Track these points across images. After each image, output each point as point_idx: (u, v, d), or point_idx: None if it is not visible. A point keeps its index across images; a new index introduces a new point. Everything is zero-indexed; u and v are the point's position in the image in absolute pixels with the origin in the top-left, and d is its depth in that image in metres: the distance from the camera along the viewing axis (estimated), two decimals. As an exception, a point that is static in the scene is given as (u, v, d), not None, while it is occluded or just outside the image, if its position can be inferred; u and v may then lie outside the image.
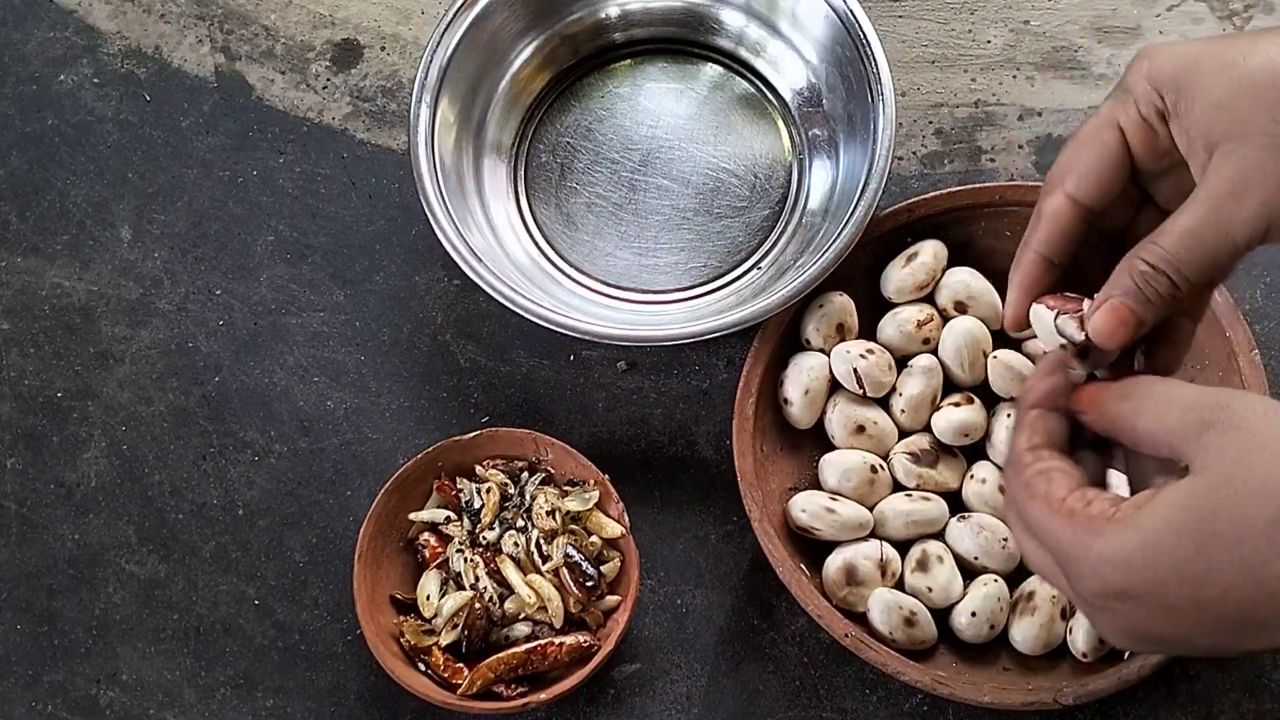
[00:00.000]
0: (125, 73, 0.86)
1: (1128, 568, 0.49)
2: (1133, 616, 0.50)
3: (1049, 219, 0.58)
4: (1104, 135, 0.58)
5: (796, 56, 0.81)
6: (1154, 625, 0.50)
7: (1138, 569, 0.49)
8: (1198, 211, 0.54)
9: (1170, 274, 0.54)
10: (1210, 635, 0.50)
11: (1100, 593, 0.50)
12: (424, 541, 0.73)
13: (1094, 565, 0.50)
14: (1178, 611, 0.49)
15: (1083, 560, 0.51)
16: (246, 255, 0.82)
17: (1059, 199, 0.58)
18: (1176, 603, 0.49)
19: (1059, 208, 0.58)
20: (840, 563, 0.70)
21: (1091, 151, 0.58)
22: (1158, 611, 0.49)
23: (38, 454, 0.78)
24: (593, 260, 0.80)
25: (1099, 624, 0.53)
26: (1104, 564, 0.50)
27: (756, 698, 0.72)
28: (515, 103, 0.83)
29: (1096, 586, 0.50)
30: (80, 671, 0.74)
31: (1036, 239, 0.59)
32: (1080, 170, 0.58)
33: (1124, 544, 0.49)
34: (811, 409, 0.74)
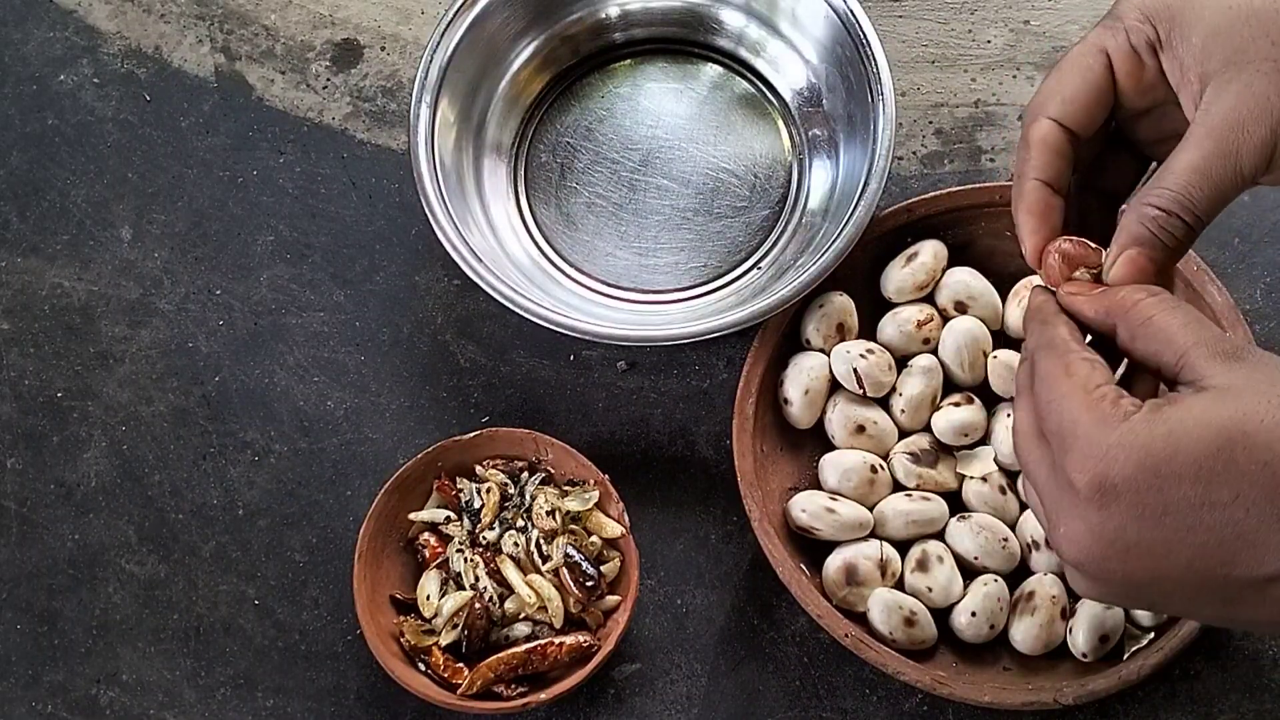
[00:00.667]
0: (125, 73, 0.86)
1: (1144, 456, 0.48)
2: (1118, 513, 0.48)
3: (1038, 144, 0.57)
4: (1089, 61, 0.56)
5: (796, 56, 0.81)
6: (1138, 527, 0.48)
7: (1153, 459, 0.47)
8: (1203, 145, 0.52)
9: (1183, 215, 0.52)
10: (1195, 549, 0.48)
11: (1097, 480, 0.48)
12: (424, 541, 0.73)
13: (1106, 450, 0.48)
14: (1174, 514, 0.47)
15: (1094, 443, 0.49)
16: (246, 255, 0.82)
17: (1044, 124, 0.57)
18: (1181, 502, 0.47)
19: (1046, 132, 0.57)
20: (840, 563, 0.70)
21: (1076, 77, 0.56)
22: (1152, 511, 0.48)
23: (38, 454, 0.78)
24: (593, 260, 0.80)
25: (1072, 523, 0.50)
26: (1118, 449, 0.48)
27: (756, 698, 0.72)
28: (515, 103, 0.83)
29: (1097, 471, 0.48)
30: (80, 671, 0.74)
31: (1031, 166, 0.57)
32: (1065, 95, 0.56)
33: (1148, 434, 0.48)
34: (811, 409, 0.74)
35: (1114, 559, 0.50)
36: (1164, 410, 0.49)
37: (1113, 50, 0.56)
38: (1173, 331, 0.51)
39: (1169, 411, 0.48)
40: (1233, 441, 0.47)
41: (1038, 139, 0.57)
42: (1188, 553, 0.48)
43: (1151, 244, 0.53)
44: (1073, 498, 0.50)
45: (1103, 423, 0.49)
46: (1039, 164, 0.57)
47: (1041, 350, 0.54)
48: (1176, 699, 0.71)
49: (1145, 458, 0.48)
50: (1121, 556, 0.49)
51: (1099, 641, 0.68)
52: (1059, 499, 0.51)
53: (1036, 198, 0.57)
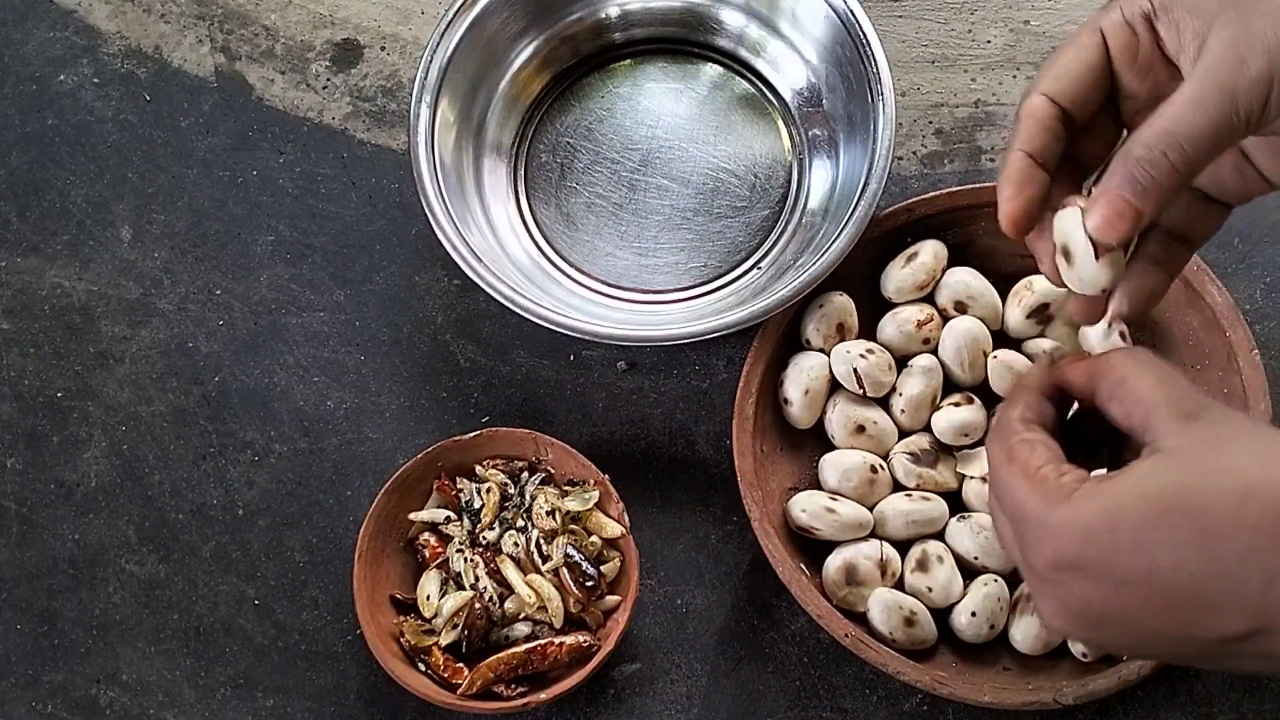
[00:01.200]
0: (125, 73, 0.86)
1: (1086, 533, 0.49)
2: (1079, 590, 0.49)
3: (1027, 117, 0.57)
4: (1083, 39, 0.56)
5: (796, 56, 0.81)
6: (1100, 601, 0.49)
7: (1096, 535, 0.48)
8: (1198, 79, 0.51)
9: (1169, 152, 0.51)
10: (1156, 615, 0.48)
11: (1052, 561, 0.50)
12: (424, 541, 0.73)
13: (1052, 530, 0.50)
14: (1127, 586, 0.48)
15: (1042, 525, 0.50)
16: (246, 255, 0.82)
17: (1035, 99, 0.56)
18: (1129, 575, 0.48)
19: (1035, 106, 0.56)
20: (840, 563, 0.70)
21: (1070, 52, 0.56)
22: (1107, 584, 0.49)
23: (38, 454, 0.78)
24: (592, 260, 0.80)
25: (1043, 601, 0.52)
26: (1062, 529, 0.49)
27: (756, 698, 0.72)
28: (515, 102, 0.83)
29: (1049, 553, 0.50)
30: (80, 671, 0.74)
31: (1017, 139, 0.57)
32: (1056, 70, 0.56)
33: (1086, 511, 0.49)
34: (811, 409, 0.74)
35: (1089, 629, 0.51)
36: (1104, 484, 0.50)
37: (1106, 26, 0.56)
38: (1142, 391, 0.52)
39: (1108, 484, 0.49)
40: (1167, 511, 0.48)
41: (1027, 112, 0.57)
42: (1151, 620, 0.49)
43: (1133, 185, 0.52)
44: (1037, 576, 0.51)
45: (1046, 503, 0.50)
46: (1025, 135, 0.56)
47: (991, 436, 0.56)
48: (1176, 699, 0.71)
49: (1088, 534, 0.49)
50: (1095, 627, 0.51)
51: (1099, 641, 0.68)
52: (1029, 576, 0.53)
53: (1018, 167, 0.57)
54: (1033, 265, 0.76)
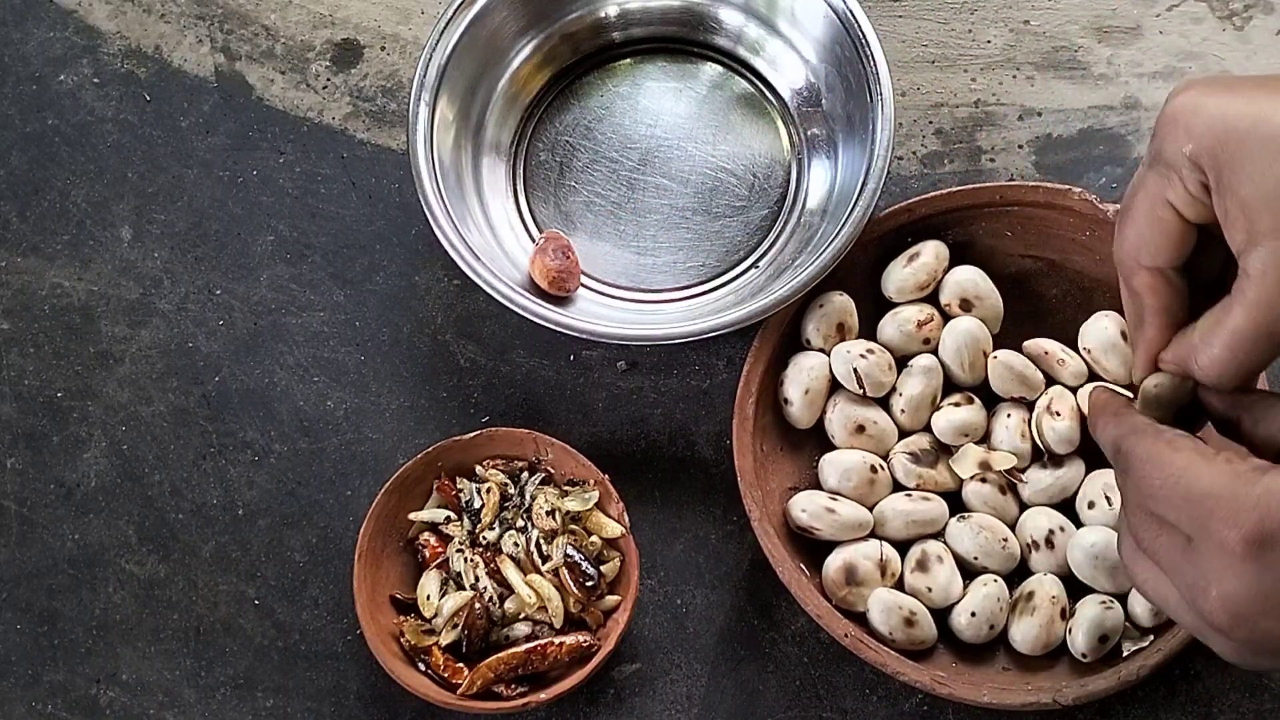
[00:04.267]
0: (125, 73, 0.86)
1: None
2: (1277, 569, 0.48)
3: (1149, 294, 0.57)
4: (1159, 213, 0.56)
5: (795, 56, 0.81)
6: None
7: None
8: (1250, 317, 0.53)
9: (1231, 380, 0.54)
10: None
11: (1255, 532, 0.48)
12: (424, 541, 0.73)
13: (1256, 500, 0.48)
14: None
15: (1243, 497, 0.48)
16: (246, 255, 0.82)
17: (1146, 275, 0.57)
18: None
19: (1151, 282, 0.57)
20: (840, 563, 0.70)
21: (1156, 228, 0.56)
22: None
23: (38, 454, 0.78)
24: (591, 259, 0.80)
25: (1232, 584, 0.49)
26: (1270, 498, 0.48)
27: (756, 698, 0.72)
28: (514, 101, 0.83)
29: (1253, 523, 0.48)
30: (80, 671, 0.75)
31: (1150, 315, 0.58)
32: (1152, 248, 0.57)
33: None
34: (811, 409, 0.74)
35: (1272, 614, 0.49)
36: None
37: (1176, 201, 0.55)
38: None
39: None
40: None
41: (1146, 289, 0.57)
42: None
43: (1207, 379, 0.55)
44: (1225, 558, 0.49)
45: (1240, 480, 0.49)
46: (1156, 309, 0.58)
47: (1130, 438, 0.55)
48: (1176, 699, 0.71)
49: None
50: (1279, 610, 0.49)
51: (1098, 642, 0.68)
52: (1206, 567, 0.50)
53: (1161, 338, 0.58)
54: (1032, 267, 0.76)
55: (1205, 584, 0.50)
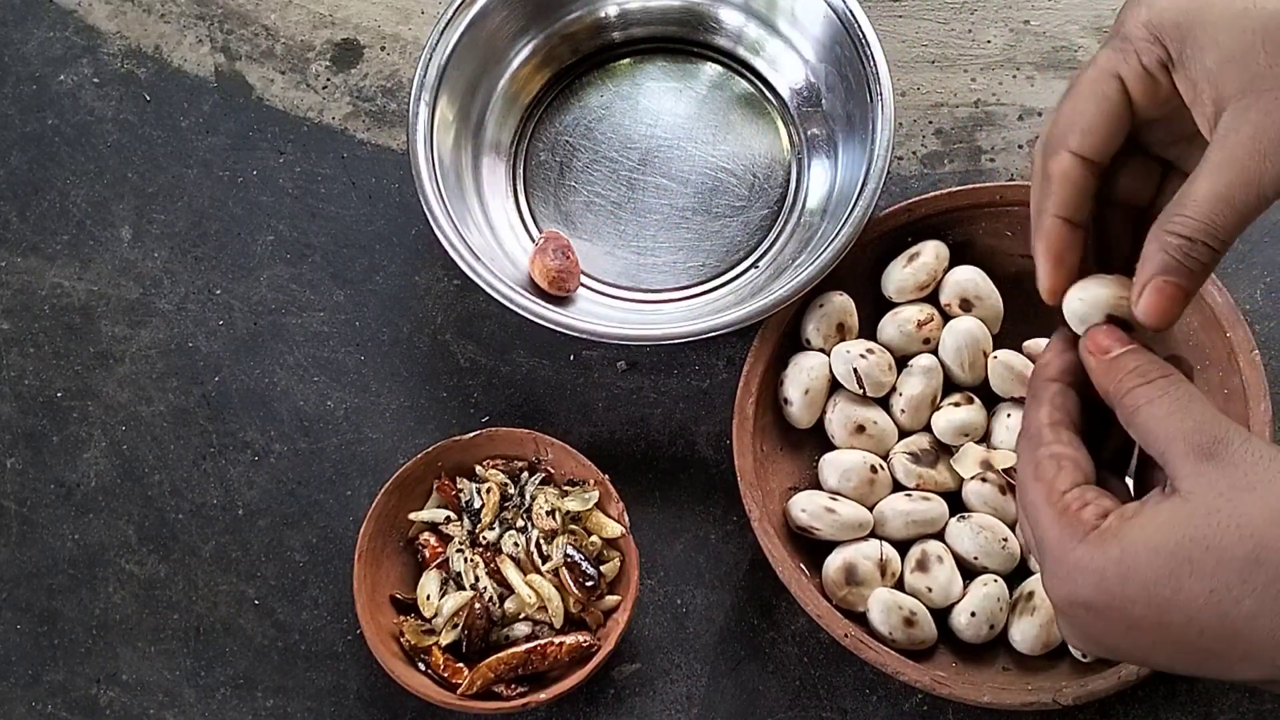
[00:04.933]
0: (125, 73, 0.86)
1: (1100, 579, 0.49)
2: (1094, 626, 0.51)
3: (1060, 180, 0.55)
4: (1104, 88, 0.55)
5: (795, 56, 0.81)
6: (1114, 638, 0.51)
7: (1109, 582, 0.49)
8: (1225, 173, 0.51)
9: (1209, 241, 0.52)
10: (1168, 657, 0.50)
11: (1068, 598, 0.51)
12: (424, 541, 0.73)
13: (1069, 569, 0.50)
14: (1139, 630, 0.49)
15: (1060, 561, 0.51)
16: (246, 255, 0.82)
17: (1066, 159, 0.55)
18: (1140, 622, 0.49)
19: (1068, 167, 0.55)
20: (840, 563, 0.70)
21: (1092, 105, 0.55)
22: (1119, 626, 0.50)
23: (38, 454, 0.78)
24: (591, 259, 0.80)
25: (1063, 626, 0.53)
26: (1078, 570, 0.50)
27: (756, 698, 0.72)
28: (514, 101, 0.83)
29: (1066, 591, 0.51)
30: (80, 671, 0.75)
31: (1052, 203, 0.55)
32: (1083, 126, 0.55)
33: (1103, 556, 0.49)
34: (811, 409, 0.74)
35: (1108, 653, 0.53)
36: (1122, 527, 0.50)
37: (1126, 75, 0.54)
38: (1155, 425, 0.51)
39: (1125, 530, 0.50)
40: (1178, 569, 0.48)
41: (1059, 174, 0.55)
42: (1165, 657, 0.50)
43: (1179, 272, 0.53)
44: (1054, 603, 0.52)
45: (1065, 538, 0.51)
46: (1060, 199, 0.55)
47: (1021, 439, 0.56)
48: (1176, 699, 0.71)
49: (1101, 582, 0.49)
50: (1113, 652, 0.52)
51: (1099, 641, 0.68)
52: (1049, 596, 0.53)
53: (1057, 235, 0.56)
54: (1032, 267, 0.76)
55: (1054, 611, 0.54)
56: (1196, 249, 0.52)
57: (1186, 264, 0.52)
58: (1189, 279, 0.53)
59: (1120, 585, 0.49)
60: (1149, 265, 0.53)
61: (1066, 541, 0.51)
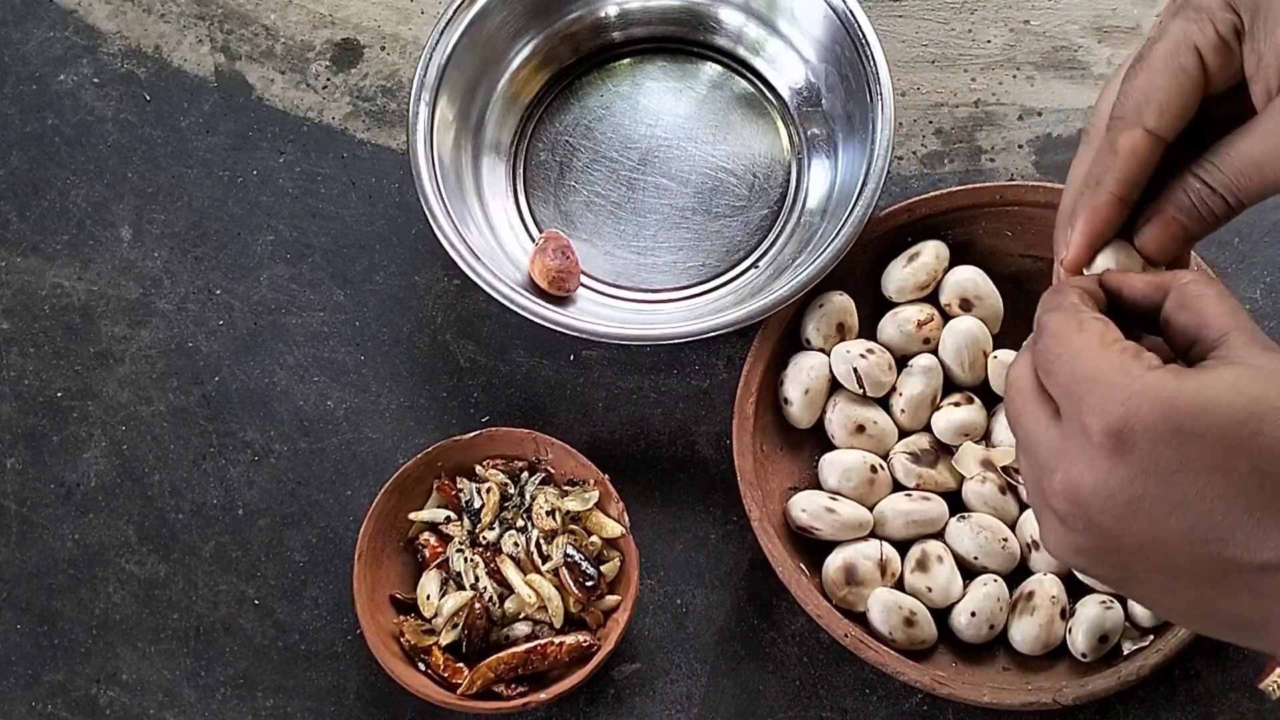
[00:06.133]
0: (125, 73, 0.86)
1: (1170, 405, 0.46)
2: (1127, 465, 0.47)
3: (1129, 156, 0.53)
4: (1181, 60, 0.52)
5: (795, 55, 0.81)
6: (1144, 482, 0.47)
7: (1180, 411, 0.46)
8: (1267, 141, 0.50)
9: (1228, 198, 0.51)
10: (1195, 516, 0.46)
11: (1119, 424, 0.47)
12: (424, 541, 0.73)
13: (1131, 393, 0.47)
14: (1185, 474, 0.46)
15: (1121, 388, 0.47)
16: (246, 255, 0.82)
17: (1139, 136, 0.53)
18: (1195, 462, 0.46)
19: (1140, 144, 0.53)
20: (840, 562, 0.70)
21: (1172, 80, 0.53)
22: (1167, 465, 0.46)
23: (38, 454, 0.78)
24: (591, 259, 0.80)
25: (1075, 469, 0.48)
26: (1144, 395, 0.47)
27: (756, 698, 0.72)
28: (514, 101, 0.83)
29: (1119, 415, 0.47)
30: (80, 671, 0.75)
31: (1113, 179, 0.53)
32: (1162, 101, 0.53)
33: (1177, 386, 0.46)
34: (811, 409, 0.74)
35: (1111, 513, 0.48)
36: (1194, 371, 0.47)
37: (1203, 46, 0.52)
38: (1220, 310, 0.50)
39: (1200, 373, 0.47)
40: (1261, 415, 0.46)
41: (1128, 149, 0.53)
42: (1189, 518, 0.46)
43: (1190, 214, 0.52)
44: (1082, 444, 0.48)
45: (1125, 370, 0.48)
46: (1123, 177, 0.53)
47: (1051, 312, 0.52)
48: (1176, 699, 0.71)
49: (1170, 409, 0.46)
50: (1119, 512, 0.47)
51: (1098, 641, 0.68)
52: (1061, 448, 0.49)
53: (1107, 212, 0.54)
54: (1032, 267, 0.76)
55: (1054, 466, 0.49)
56: (1214, 199, 0.51)
57: (1199, 209, 0.52)
58: (1197, 223, 0.52)
59: (1193, 416, 0.46)
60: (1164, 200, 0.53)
61: (1130, 370, 0.47)
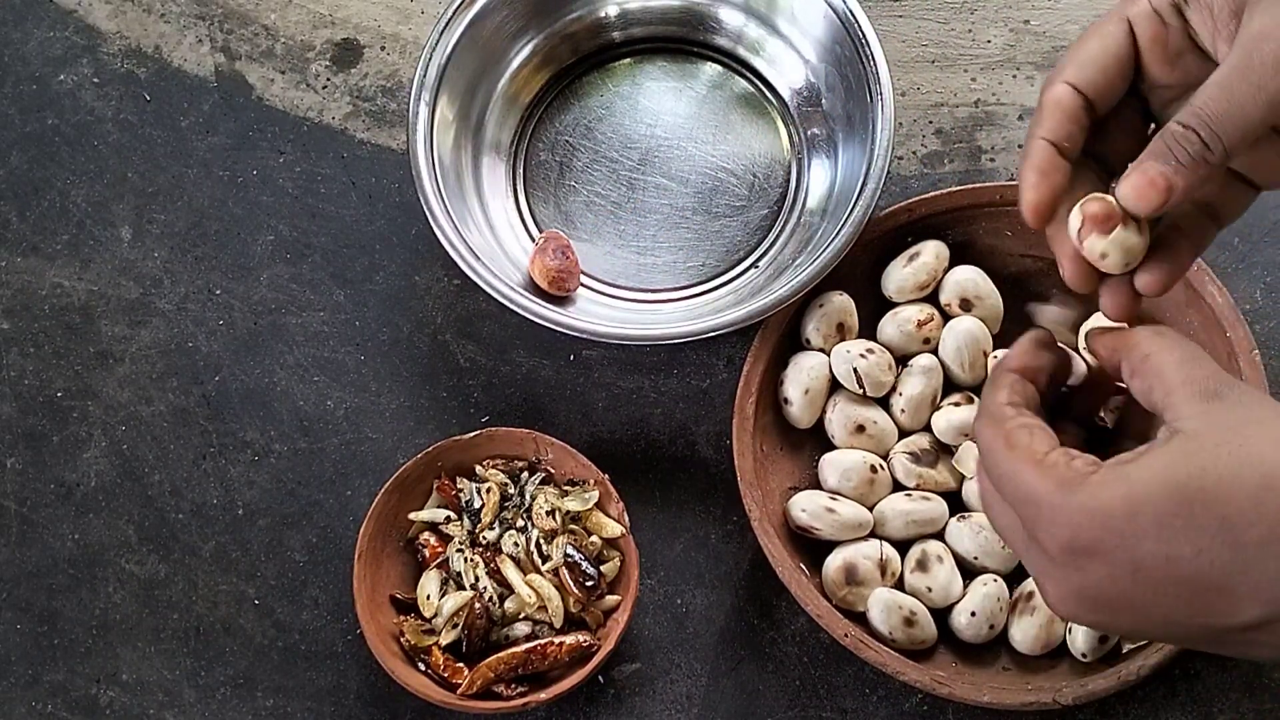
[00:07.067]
0: (125, 73, 0.86)
1: (1106, 519, 0.49)
2: (1094, 575, 0.50)
3: (1050, 105, 0.55)
4: (1109, 27, 0.55)
5: (795, 55, 0.81)
6: (1115, 586, 0.49)
7: (1116, 520, 0.48)
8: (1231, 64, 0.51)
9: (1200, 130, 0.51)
10: (1171, 601, 0.49)
11: (1068, 545, 0.50)
12: (424, 541, 0.73)
13: (1070, 515, 0.49)
14: (1145, 572, 0.48)
15: (1059, 509, 0.50)
16: (246, 255, 0.82)
17: (1059, 88, 0.55)
18: (1147, 560, 0.48)
19: (1060, 95, 0.55)
20: (840, 562, 0.70)
21: (1094, 42, 0.56)
22: (1124, 570, 0.49)
23: (38, 454, 0.78)
24: (591, 259, 0.80)
25: (1053, 586, 0.52)
26: (1082, 513, 0.49)
27: (756, 698, 0.72)
28: (514, 101, 0.83)
29: (1066, 538, 0.50)
30: (80, 671, 0.75)
31: (1040, 127, 0.55)
32: (1080, 59, 0.55)
33: (1106, 496, 0.49)
34: (811, 409, 0.74)
35: (1098, 613, 0.52)
36: (1124, 468, 0.49)
37: (1133, 15, 0.55)
38: (1166, 369, 0.52)
39: (1129, 470, 0.49)
40: (1189, 498, 0.48)
41: (1050, 100, 0.56)
42: (1164, 606, 0.49)
43: (1164, 158, 0.52)
44: (1048, 561, 0.51)
45: (1061, 488, 0.50)
46: (1049, 125, 0.55)
47: (980, 420, 0.55)
48: (1176, 699, 0.71)
49: (1108, 519, 0.49)
50: (1105, 611, 0.51)
51: (1098, 641, 0.68)
52: (1037, 562, 0.52)
53: (1041, 155, 0.55)
54: (1032, 267, 0.76)
55: (1039, 578, 0.53)
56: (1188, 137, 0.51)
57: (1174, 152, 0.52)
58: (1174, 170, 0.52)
59: (1128, 521, 0.48)
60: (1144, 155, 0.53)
61: (1065, 488, 0.50)
